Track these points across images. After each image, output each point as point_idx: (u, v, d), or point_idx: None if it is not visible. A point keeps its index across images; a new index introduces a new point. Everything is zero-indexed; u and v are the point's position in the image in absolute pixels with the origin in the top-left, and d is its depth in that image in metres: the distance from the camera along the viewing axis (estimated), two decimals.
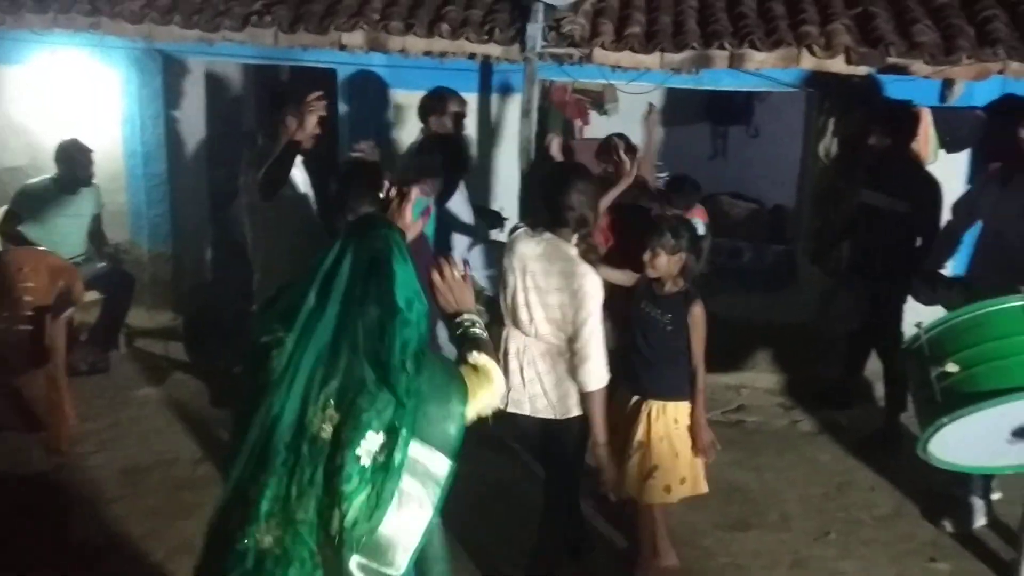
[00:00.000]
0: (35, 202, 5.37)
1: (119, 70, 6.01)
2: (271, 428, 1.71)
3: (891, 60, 4.86)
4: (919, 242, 4.73)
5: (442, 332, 3.21)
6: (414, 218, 3.13)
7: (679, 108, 8.45)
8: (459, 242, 4.65)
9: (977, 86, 5.07)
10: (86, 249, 5.55)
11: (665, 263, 3.45)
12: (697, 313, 3.48)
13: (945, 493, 4.12)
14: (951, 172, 5.27)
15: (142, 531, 3.84)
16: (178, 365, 5.57)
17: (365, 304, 1.76)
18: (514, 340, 3.32)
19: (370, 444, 1.68)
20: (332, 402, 1.71)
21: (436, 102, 4.78)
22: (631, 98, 7.09)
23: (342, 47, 5.29)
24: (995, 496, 4.12)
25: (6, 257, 4.76)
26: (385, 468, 1.68)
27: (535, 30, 4.97)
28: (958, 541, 3.97)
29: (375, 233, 1.89)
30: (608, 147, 4.72)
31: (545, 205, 3.28)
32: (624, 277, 3.68)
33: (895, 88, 5.25)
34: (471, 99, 5.43)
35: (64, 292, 4.63)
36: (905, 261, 4.69)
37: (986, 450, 3.31)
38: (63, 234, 5.39)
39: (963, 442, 3.19)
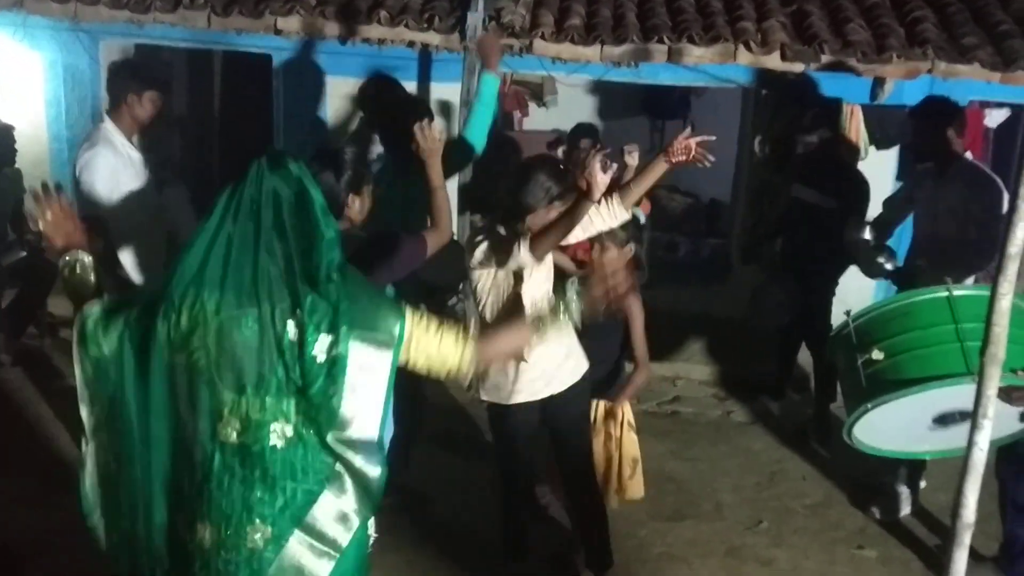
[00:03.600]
0: None
1: (44, 51, 5.80)
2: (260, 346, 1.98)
3: (825, 58, 4.96)
4: None
5: None
6: None
7: (617, 102, 8.51)
8: None
9: (907, 85, 5.20)
10: (6, 236, 5.34)
11: (615, 257, 3.43)
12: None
13: (873, 482, 4.23)
14: (881, 168, 5.41)
15: None
16: None
17: (295, 231, 2.00)
18: None
19: (321, 344, 1.99)
20: (289, 318, 1.99)
21: (375, 91, 4.71)
22: (570, 90, 7.14)
23: (278, 32, 5.19)
24: (922, 484, 4.24)
25: None
26: (335, 360, 1.99)
27: (475, 19, 4.95)
28: (885, 528, 4.07)
29: (290, 166, 2.04)
30: (574, 157, 4.69)
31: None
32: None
33: (828, 85, 5.36)
34: (410, 88, 5.37)
35: None
36: (833, 256, 4.79)
37: (908, 436, 3.42)
38: None
39: (887, 427, 3.28)
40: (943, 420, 3.22)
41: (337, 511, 2.07)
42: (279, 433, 2.02)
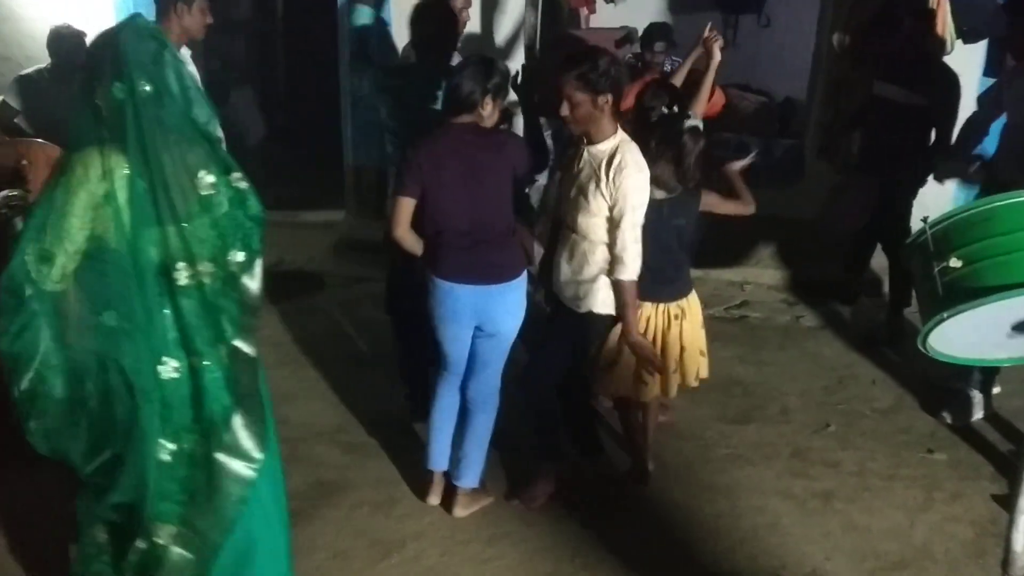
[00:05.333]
0: (30, 92, 5.25)
1: None
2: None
3: None
4: (933, 136, 4.64)
5: None
6: None
7: None
8: None
9: None
10: None
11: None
12: None
13: (945, 387, 4.17)
14: (968, 64, 5.13)
15: None
16: None
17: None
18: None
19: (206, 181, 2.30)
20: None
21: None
22: None
23: None
24: (995, 390, 4.17)
25: (4, 149, 4.68)
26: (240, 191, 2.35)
27: None
28: (956, 433, 4.03)
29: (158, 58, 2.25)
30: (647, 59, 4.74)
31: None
32: None
33: None
34: None
35: None
36: (918, 156, 4.62)
37: (985, 343, 3.32)
38: (58, 126, 5.29)
39: (963, 336, 3.19)
40: (1022, 327, 3.13)
41: None
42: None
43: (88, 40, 5.29)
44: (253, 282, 2.40)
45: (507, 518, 3.37)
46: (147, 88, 2.22)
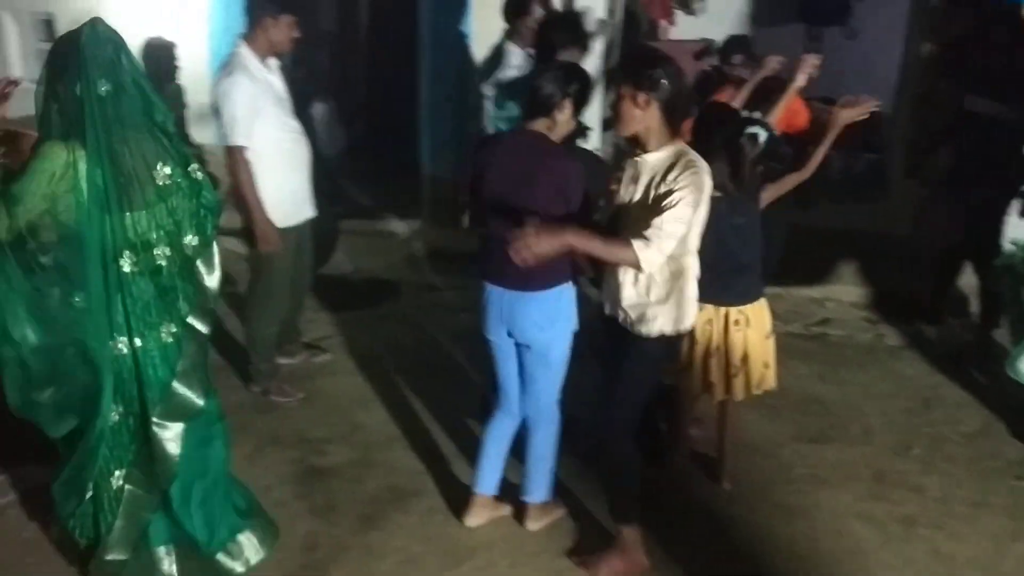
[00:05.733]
0: None
1: None
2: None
3: None
4: None
5: None
6: None
7: (770, 7, 8.08)
8: None
9: None
10: None
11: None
12: None
13: None
14: None
15: (232, 424, 3.96)
16: None
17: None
18: None
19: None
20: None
21: (523, 3, 4.60)
22: None
23: None
24: None
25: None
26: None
27: None
28: None
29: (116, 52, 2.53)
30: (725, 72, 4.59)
31: None
32: None
33: None
34: None
35: None
36: (1010, 172, 4.45)
37: None
38: None
39: None
40: None
41: None
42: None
43: (178, 51, 5.51)
44: (209, 266, 2.76)
45: (578, 530, 3.35)
46: (106, 88, 2.49)
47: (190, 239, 2.67)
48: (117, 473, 2.79)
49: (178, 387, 2.74)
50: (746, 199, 3.36)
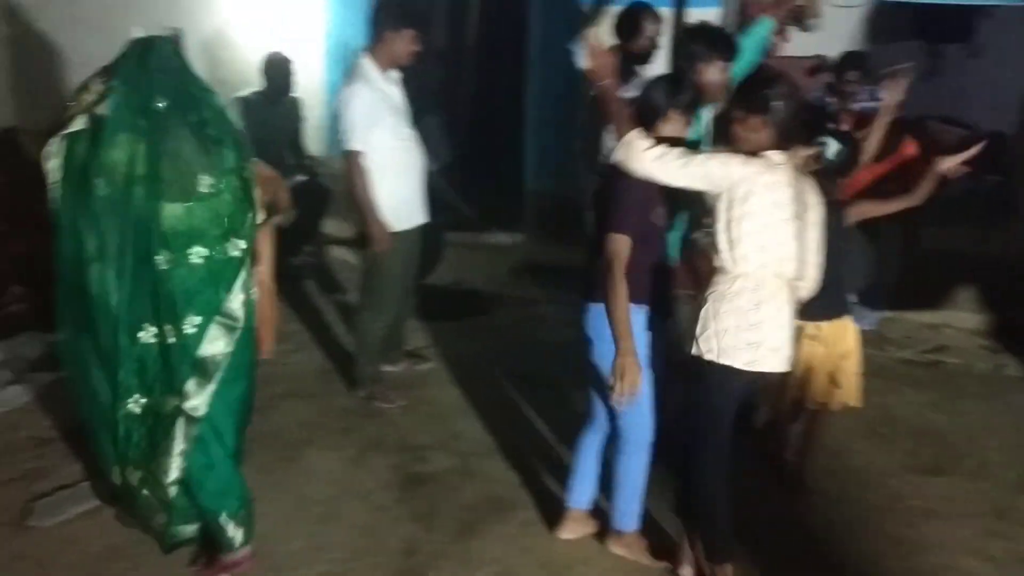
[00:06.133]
0: (245, 113, 5.67)
1: None
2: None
3: None
4: None
5: None
6: None
7: (887, 23, 7.82)
8: None
9: None
10: (288, 160, 5.83)
11: None
12: None
13: None
14: None
15: (337, 427, 4.09)
16: None
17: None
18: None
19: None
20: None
21: (631, 18, 4.56)
22: (834, 11, 6.64)
23: None
24: None
25: None
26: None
27: None
28: None
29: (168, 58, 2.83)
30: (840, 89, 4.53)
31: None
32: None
33: None
34: (665, 13, 5.22)
35: (271, 201, 4.88)
36: None
37: None
38: (267, 145, 5.68)
39: None
40: None
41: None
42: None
43: (294, 67, 5.70)
44: (244, 271, 2.97)
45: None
46: (163, 103, 2.77)
47: (236, 243, 2.91)
48: (135, 475, 2.94)
49: (204, 356, 2.86)
50: (828, 210, 3.10)
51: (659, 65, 4.24)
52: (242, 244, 2.93)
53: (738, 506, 3.02)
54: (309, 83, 6.11)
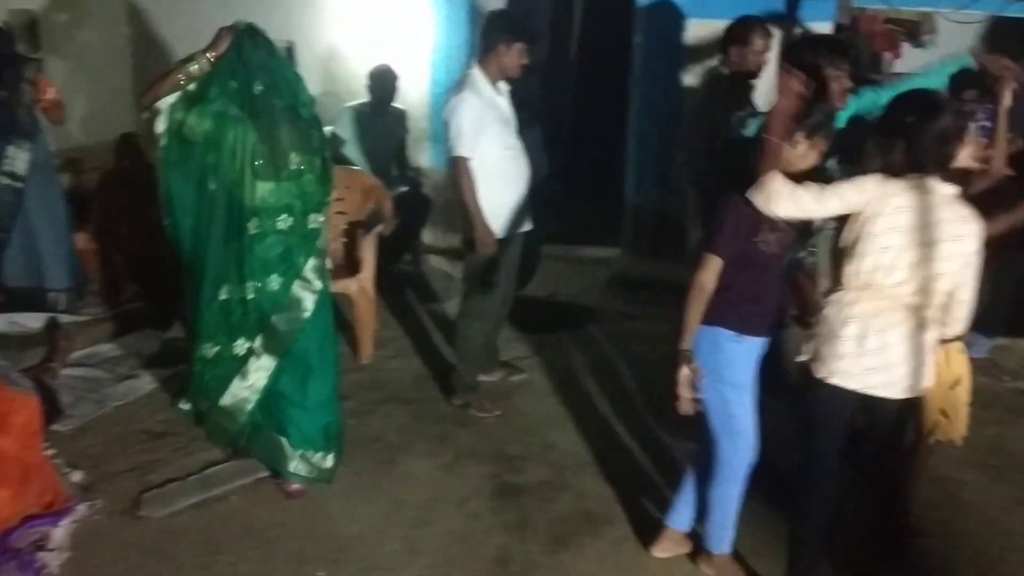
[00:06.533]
0: (353, 124, 5.83)
1: None
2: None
3: None
4: None
5: None
6: None
7: (1005, 40, 7.51)
8: None
9: None
10: (391, 170, 5.96)
11: None
12: None
13: None
14: None
15: (433, 433, 4.15)
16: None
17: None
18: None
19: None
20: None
21: (740, 32, 4.49)
22: (951, 28, 6.42)
23: None
24: None
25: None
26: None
27: None
28: None
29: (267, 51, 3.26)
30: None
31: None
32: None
33: None
34: (775, 27, 5.13)
35: (375, 210, 5.01)
36: None
37: None
38: (373, 155, 5.83)
39: None
40: None
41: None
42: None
43: (400, 79, 5.82)
44: (321, 239, 3.44)
45: None
46: (259, 87, 3.16)
47: (315, 217, 3.35)
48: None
49: (277, 322, 3.34)
50: None
51: (767, 80, 4.17)
52: (320, 218, 3.38)
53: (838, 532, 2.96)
54: (415, 95, 6.22)
